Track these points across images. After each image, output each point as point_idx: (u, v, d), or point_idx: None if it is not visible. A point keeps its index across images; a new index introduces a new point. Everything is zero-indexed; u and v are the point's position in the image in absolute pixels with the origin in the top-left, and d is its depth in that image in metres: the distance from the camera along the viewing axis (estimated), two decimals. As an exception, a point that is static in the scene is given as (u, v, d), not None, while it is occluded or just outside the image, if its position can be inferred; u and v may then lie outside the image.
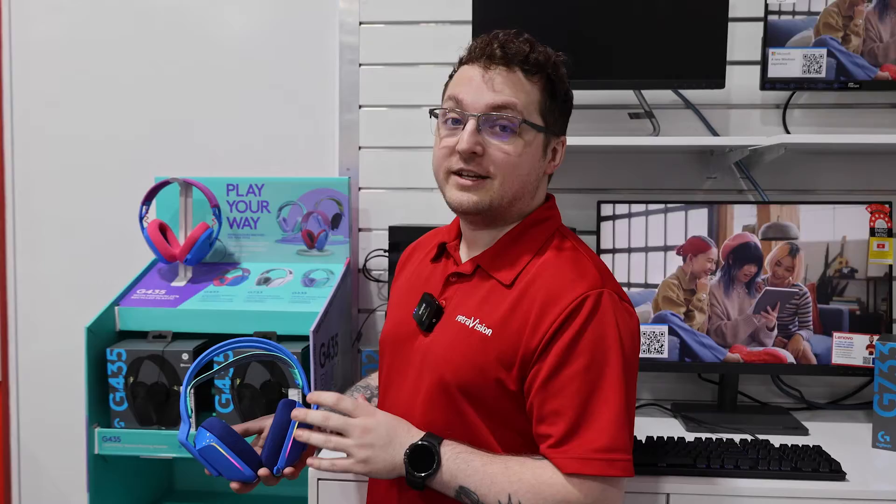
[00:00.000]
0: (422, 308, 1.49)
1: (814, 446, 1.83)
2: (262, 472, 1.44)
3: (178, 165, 2.43)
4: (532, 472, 1.31)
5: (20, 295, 2.61)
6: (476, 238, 1.49)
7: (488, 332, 1.38)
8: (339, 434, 1.39)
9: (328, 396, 1.43)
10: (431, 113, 1.47)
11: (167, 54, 2.51)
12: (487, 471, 1.32)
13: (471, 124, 1.37)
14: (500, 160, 1.38)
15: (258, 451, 1.49)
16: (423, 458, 1.34)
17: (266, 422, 1.54)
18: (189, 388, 1.49)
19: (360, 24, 2.39)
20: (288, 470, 1.46)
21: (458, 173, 1.40)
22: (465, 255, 1.52)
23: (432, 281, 1.53)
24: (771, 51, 2.12)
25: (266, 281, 2.21)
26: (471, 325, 1.40)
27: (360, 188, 2.42)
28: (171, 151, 2.51)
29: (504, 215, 1.44)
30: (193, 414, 1.51)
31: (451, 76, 1.47)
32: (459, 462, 1.33)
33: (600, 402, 1.30)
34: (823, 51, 2.11)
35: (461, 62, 1.45)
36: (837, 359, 2.11)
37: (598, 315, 1.33)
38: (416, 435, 1.37)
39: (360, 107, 2.41)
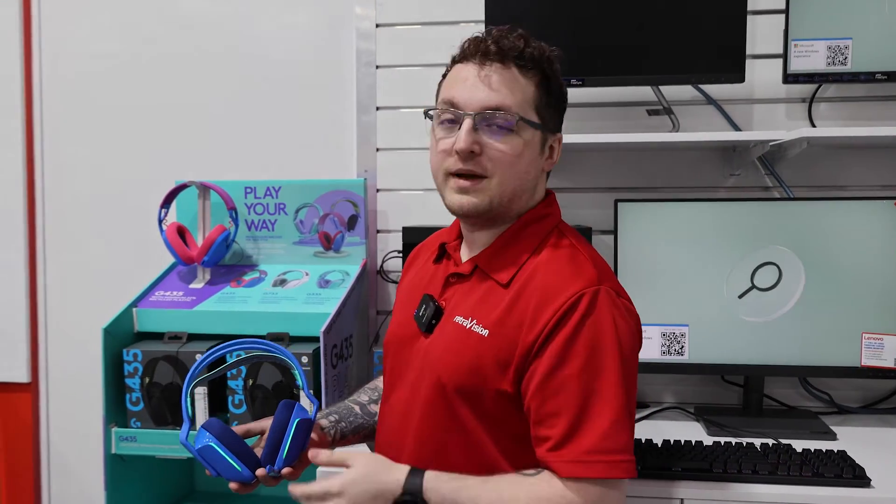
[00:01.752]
0: (422, 309, 1.48)
1: (838, 451, 1.77)
2: (260, 472, 1.42)
3: (198, 168, 2.45)
4: (527, 491, 1.28)
5: (49, 297, 2.66)
6: (475, 238, 1.47)
7: (485, 332, 1.36)
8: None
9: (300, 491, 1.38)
10: (426, 114, 1.46)
11: (186, 60, 2.55)
12: (479, 502, 1.28)
13: (467, 123, 1.35)
14: (498, 158, 1.36)
15: (259, 452, 1.48)
16: None
17: (267, 423, 1.52)
18: (190, 389, 1.49)
19: (377, 26, 2.39)
20: (286, 470, 1.45)
21: (458, 174, 1.38)
22: (464, 255, 1.50)
23: (433, 282, 1.52)
24: (793, 42, 2.06)
25: (282, 282, 2.22)
26: (468, 326, 1.38)
27: (377, 190, 2.42)
28: (190, 155, 2.54)
29: (503, 215, 1.42)
30: (194, 414, 1.51)
31: (444, 76, 1.46)
32: (448, 502, 1.29)
33: (599, 403, 1.27)
34: (849, 41, 2.04)
35: (454, 61, 1.43)
36: (867, 360, 2.03)
37: (594, 313, 1.30)
38: (395, 482, 1.32)
39: (377, 108, 2.41)
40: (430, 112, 1.44)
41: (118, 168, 2.59)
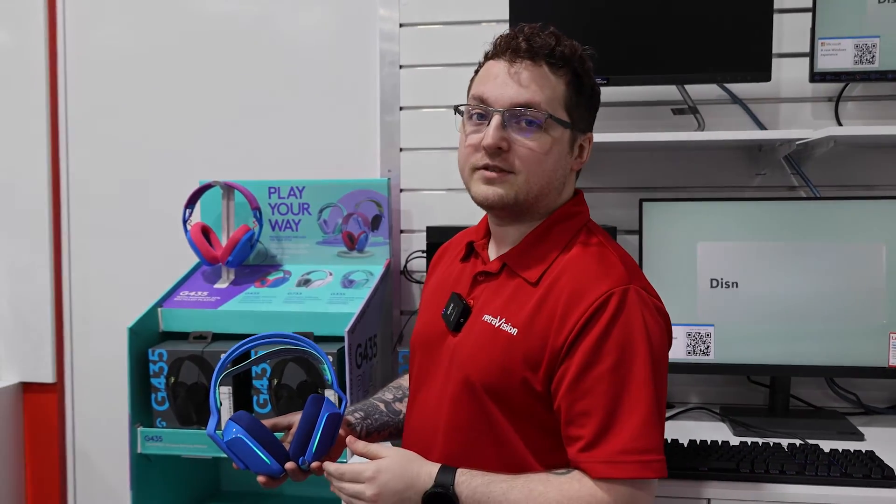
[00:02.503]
0: (450, 308, 1.48)
1: (866, 451, 1.76)
2: (289, 465, 1.42)
3: (222, 168, 2.45)
4: (557, 489, 1.27)
5: (74, 297, 2.67)
6: (503, 235, 1.47)
7: (514, 331, 1.35)
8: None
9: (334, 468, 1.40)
10: (456, 110, 1.45)
11: (212, 60, 2.56)
12: (510, 498, 1.28)
13: (496, 120, 1.35)
14: (526, 155, 1.36)
15: (287, 446, 1.48)
16: (441, 503, 1.31)
17: (295, 417, 1.52)
18: (218, 381, 1.50)
19: (401, 25, 2.39)
20: (315, 464, 1.45)
21: (484, 168, 1.38)
22: (492, 253, 1.50)
23: (461, 281, 1.52)
24: (820, 41, 2.04)
25: (306, 282, 2.22)
26: (496, 325, 1.38)
27: (401, 190, 2.42)
28: (214, 155, 2.55)
29: (530, 210, 1.41)
30: (222, 407, 1.51)
31: (476, 72, 1.46)
32: (479, 497, 1.29)
33: (630, 403, 1.27)
34: (876, 40, 2.02)
35: (486, 58, 1.44)
36: (895, 360, 2.02)
37: (623, 312, 1.29)
38: (427, 476, 1.33)
39: (400, 108, 2.41)
40: (461, 107, 1.44)
41: (142, 168, 2.61)
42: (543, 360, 1.32)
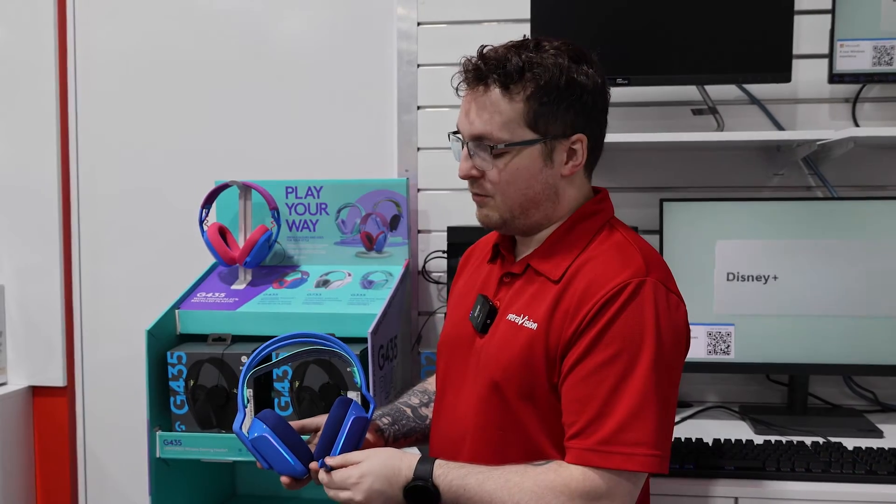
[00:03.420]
0: (477, 310, 1.48)
1: (889, 449, 1.79)
2: (313, 465, 1.41)
3: (238, 168, 2.42)
4: (533, 479, 1.28)
5: (85, 299, 2.64)
6: (525, 239, 1.48)
7: (534, 326, 1.36)
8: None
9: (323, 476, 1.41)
10: (450, 137, 1.48)
11: (228, 59, 2.53)
12: (486, 489, 1.28)
13: (463, 152, 1.41)
14: (494, 180, 1.39)
15: (313, 448, 1.47)
16: (421, 496, 1.32)
17: (322, 420, 1.51)
18: (246, 379, 1.48)
19: (419, 24, 2.38)
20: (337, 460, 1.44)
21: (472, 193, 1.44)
22: (519, 254, 1.50)
23: (488, 282, 1.52)
24: (839, 43, 2.06)
25: (325, 283, 2.21)
26: (519, 322, 1.39)
27: (418, 189, 2.41)
28: (230, 154, 2.53)
29: (528, 224, 1.43)
30: (250, 404, 1.49)
31: None
32: (455, 488, 1.30)
33: (625, 393, 1.26)
34: (894, 41, 2.04)
35: None
36: (913, 358, 2.05)
37: (634, 303, 1.29)
38: (406, 470, 1.34)
39: (418, 108, 2.40)
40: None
41: (153, 168, 2.58)
42: (558, 351, 1.33)
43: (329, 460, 1.38)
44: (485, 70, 1.36)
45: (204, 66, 2.55)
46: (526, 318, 1.38)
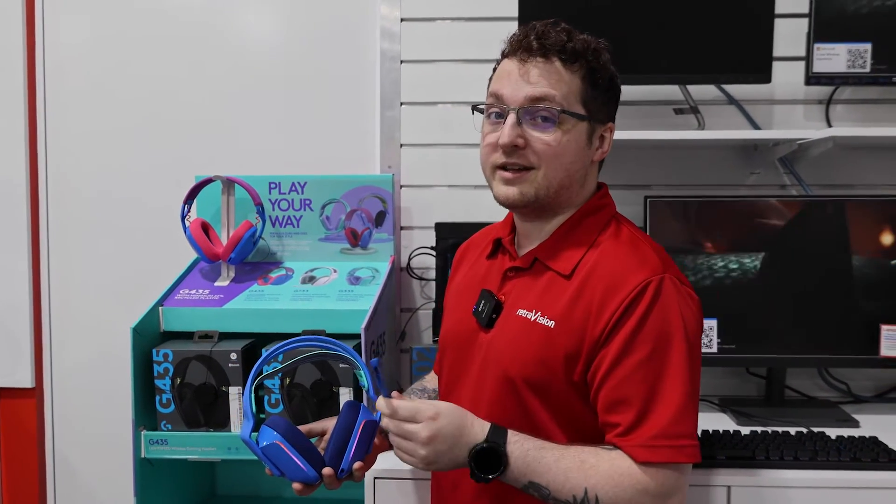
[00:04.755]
0: (481, 304, 1.48)
1: (870, 437, 1.85)
2: (326, 471, 1.40)
3: (219, 164, 2.39)
4: (609, 462, 1.29)
5: (54, 299, 2.56)
6: (530, 231, 1.49)
7: (551, 323, 1.37)
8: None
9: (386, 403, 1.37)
10: (475, 109, 1.48)
11: (208, 53, 2.49)
12: (561, 466, 1.29)
13: (511, 118, 1.38)
14: (542, 150, 1.38)
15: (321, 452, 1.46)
16: (489, 459, 1.31)
17: (329, 423, 1.51)
18: (253, 385, 1.46)
19: (402, 20, 2.38)
20: (357, 464, 1.42)
21: (504, 167, 1.40)
22: (521, 248, 1.51)
23: (490, 277, 1.53)
24: (816, 46, 2.13)
25: (311, 280, 2.18)
26: (532, 319, 1.39)
27: (401, 186, 2.41)
28: (212, 150, 2.49)
29: (553, 205, 1.44)
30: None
31: (493, 70, 1.47)
32: (529, 460, 1.30)
33: (666, 389, 1.29)
34: (868, 45, 2.12)
35: (502, 56, 1.45)
36: (886, 351, 2.12)
37: (660, 300, 1.32)
38: (479, 431, 1.32)
39: (401, 104, 2.40)
40: (479, 106, 1.46)
41: (127, 166, 2.52)
42: (583, 350, 1.34)
43: (398, 406, 1.34)
44: (548, 45, 1.37)
45: (184, 60, 2.50)
46: (539, 314, 1.39)
